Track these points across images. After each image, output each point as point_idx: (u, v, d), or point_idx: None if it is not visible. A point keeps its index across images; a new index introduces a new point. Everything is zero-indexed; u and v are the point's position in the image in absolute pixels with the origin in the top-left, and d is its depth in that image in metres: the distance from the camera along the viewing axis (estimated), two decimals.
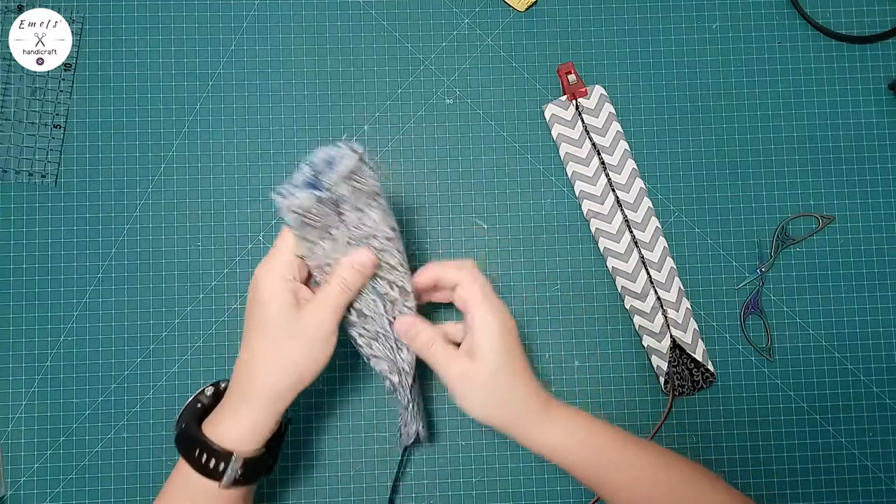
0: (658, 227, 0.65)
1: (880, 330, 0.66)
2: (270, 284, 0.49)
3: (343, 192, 0.50)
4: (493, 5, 0.68)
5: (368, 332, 0.54)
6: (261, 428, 0.49)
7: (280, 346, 0.48)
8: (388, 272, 0.53)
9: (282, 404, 0.49)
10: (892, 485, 0.65)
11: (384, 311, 0.53)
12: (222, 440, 0.48)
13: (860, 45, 0.69)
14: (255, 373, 0.48)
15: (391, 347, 0.54)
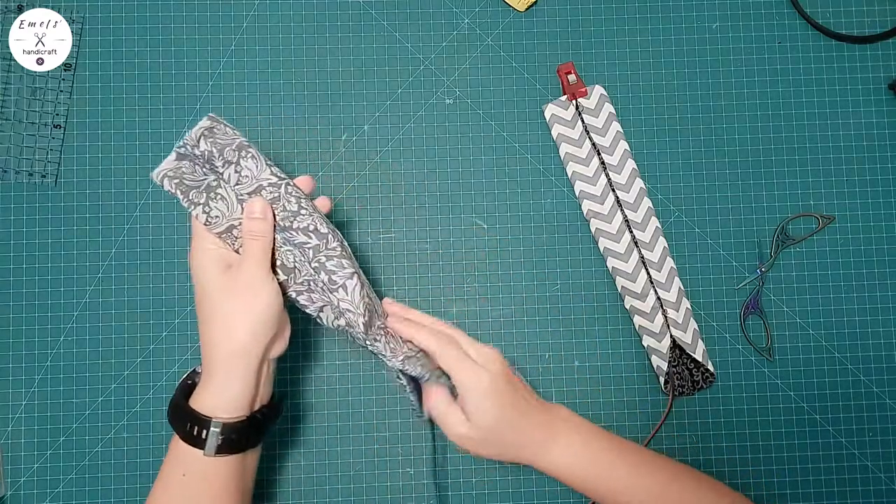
0: (658, 227, 0.65)
1: (880, 330, 0.66)
2: (196, 261, 0.51)
3: (203, 147, 0.52)
4: (493, 5, 0.68)
5: (301, 286, 0.52)
6: (235, 391, 0.49)
7: (220, 307, 0.49)
8: (295, 219, 0.52)
9: (245, 363, 0.49)
10: (892, 485, 0.65)
11: (305, 259, 0.52)
12: (202, 408, 0.49)
13: (860, 45, 0.69)
14: (211, 341, 0.49)
15: (323, 289, 0.52)
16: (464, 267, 0.66)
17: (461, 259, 0.66)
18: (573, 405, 0.65)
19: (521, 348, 0.65)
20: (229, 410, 0.49)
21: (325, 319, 0.53)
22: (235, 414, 0.49)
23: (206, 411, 0.49)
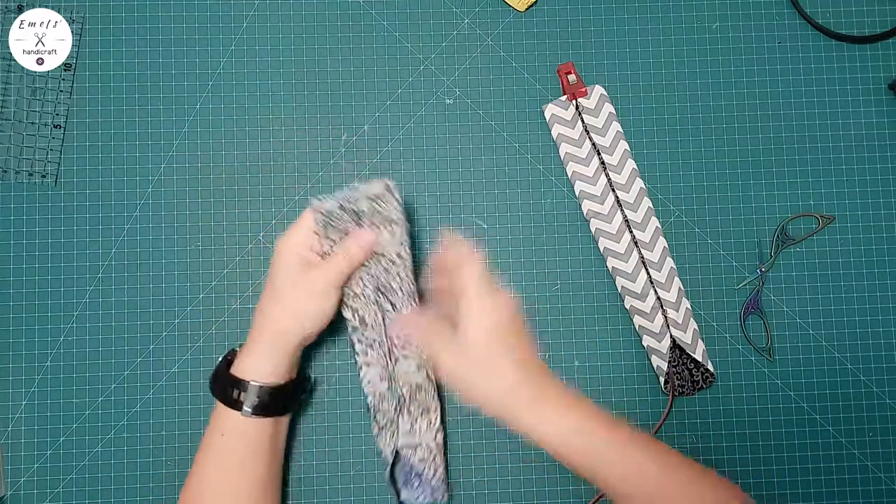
0: (658, 227, 0.65)
1: (880, 330, 0.66)
2: (284, 248, 0.57)
3: (363, 207, 0.57)
4: (493, 5, 0.68)
5: (367, 338, 0.59)
6: (274, 361, 0.56)
7: (283, 294, 0.56)
8: (390, 293, 0.58)
9: (290, 344, 0.56)
10: (892, 485, 0.65)
11: (383, 323, 0.59)
12: (241, 372, 0.55)
13: (860, 45, 0.69)
14: (266, 313, 0.56)
15: (384, 354, 0.59)
16: None
17: None
18: None
19: None
20: (266, 377, 0.55)
21: (365, 375, 0.59)
22: (271, 380, 0.56)
23: (245, 376, 0.55)
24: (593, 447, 0.50)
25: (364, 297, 0.58)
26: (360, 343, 0.59)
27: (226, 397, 0.55)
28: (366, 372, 0.59)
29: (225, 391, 0.56)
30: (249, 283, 0.65)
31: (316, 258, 0.58)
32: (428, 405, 0.60)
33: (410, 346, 0.58)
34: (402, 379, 0.59)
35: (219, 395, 0.56)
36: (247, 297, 0.65)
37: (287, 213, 0.66)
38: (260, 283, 0.65)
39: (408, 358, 0.59)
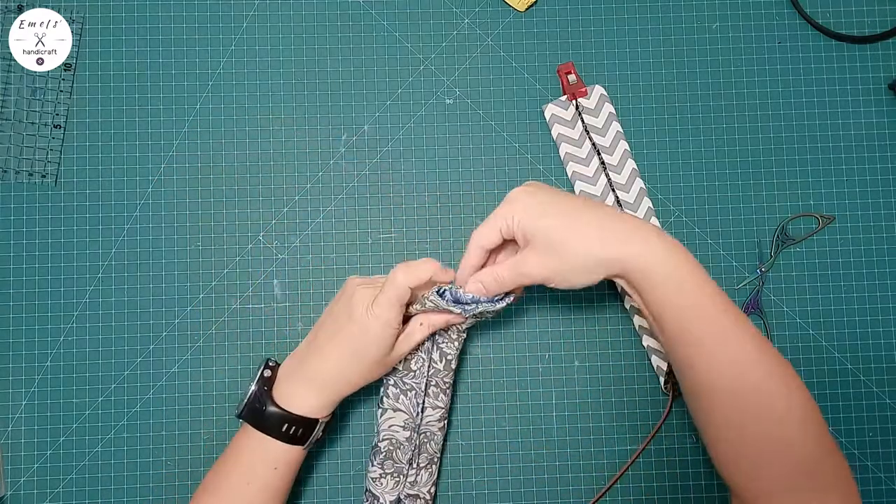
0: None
1: (880, 330, 0.66)
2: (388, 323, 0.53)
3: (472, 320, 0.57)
4: (493, 5, 0.68)
5: (405, 384, 0.58)
6: (332, 404, 0.56)
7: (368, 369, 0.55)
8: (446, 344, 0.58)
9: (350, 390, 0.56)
10: (892, 485, 0.65)
11: (426, 373, 0.58)
12: (304, 411, 0.55)
13: (860, 45, 0.69)
14: (335, 373, 0.55)
15: (416, 405, 0.58)
16: None
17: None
18: (573, 405, 0.65)
19: (521, 348, 0.65)
20: (328, 411, 0.56)
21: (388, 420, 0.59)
22: (327, 413, 0.56)
23: (311, 414, 0.55)
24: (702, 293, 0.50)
25: None
26: (396, 387, 0.58)
27: (284, 434, 0.54)
28: (390, 416, 0.58)
29: (285, 430, 0.54)
30: (249, 283, 0.65)
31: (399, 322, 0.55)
32: (434, 456, 0.60)
33: None
34: (422, 428, 0.59)
35: (273, 432, 0.54)
36: (247, 296, 0.65)
37: (287, 213, 0.66)
38: (261, 283, 0.65)
39: (436, 409, 0.59)
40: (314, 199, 0.66)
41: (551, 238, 0.51)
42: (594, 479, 0.64)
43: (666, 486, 0.64)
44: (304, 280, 0.65)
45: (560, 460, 0.64)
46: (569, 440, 0.64)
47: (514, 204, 0.53)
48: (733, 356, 0.49)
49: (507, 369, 0.65)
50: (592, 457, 0.64)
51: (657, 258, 0.50)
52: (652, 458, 0.64)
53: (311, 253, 0.65)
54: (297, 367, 0.56)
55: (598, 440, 0.64)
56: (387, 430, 0.58)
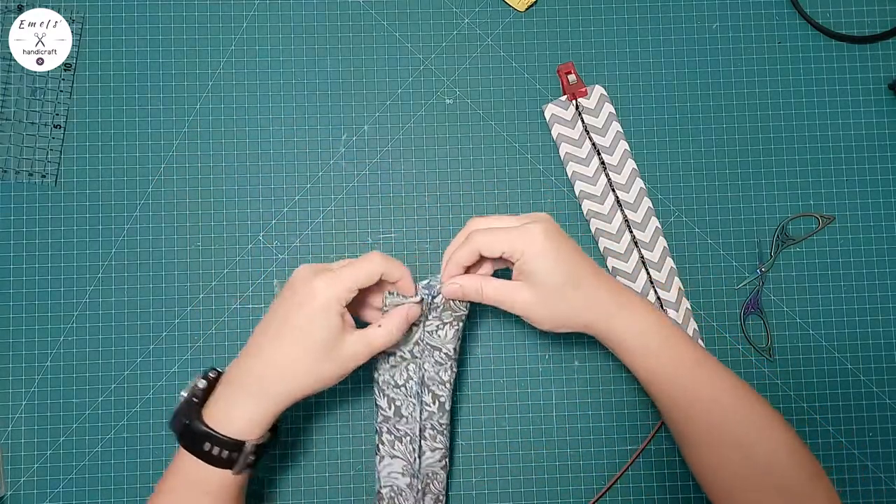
0: (658, 227, 0.65)
1: (880, 330, 0.66)
2: (328, 302, 0.50)
3: (439, 302, 0.55)
4: (493, 5, 0.68)
5: (399, 430, 0.57)
6: (269, 419, 0.51)
7: (314, 360, 0.50)
8: (437, 386, 0.57)
9: (291, 403, 0.52)
10: (892, 485, 0.65)
11: (419, 418, 0.57)
12: (231, 431, 0.50)
13: (860, 45, 0.69)
14: (277, 374, 0.50)
15: (412, 450, 0.57)
16: None
17: None
18: (573, 405, 0.65)
19: (521, 348, 0.65)
20: (261, 432, 0.51)
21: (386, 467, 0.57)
22: (263, 433, 0.51)
23: (238, 435, 0.50)
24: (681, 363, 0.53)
25: (406, 388, 0.56)
26: (390, 434, 0.57)
27: (208, 455, 0.49)
28: (388, 463, 0.57)
29: (209, 450, 0.49)
30: (249, 283, 0.65)
31: (348, 315, 0.52)
32: (439, 495, 0.59)
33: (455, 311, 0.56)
34: (424, 470, 0.58)
35: (197, 452, 0.49)
36: (247, 296, 0.65)
37: (287, 213, 0.66)
38: (261, 283, 0.65)
39: (435, 450, 0.58)
40: (314, 199, 0.66)
41: (549, 291, 0.52)
42: (594, 479, 0.64)
43: (666, 486, 0.64)
44: None
45: (560, 460, 0.64)
46: (569, 440, 0.64)
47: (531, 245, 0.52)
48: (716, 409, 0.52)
49: (507, 369, 0.65)
50: (592, 457, 0.64)
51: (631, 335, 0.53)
52: (652, 458, 0.64)
53: (311, 253, 0.65)
54: (233, 377, 0.52)
55: (598, 440, 0.64)
56: (387, 477, 0.57)
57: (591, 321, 0.53)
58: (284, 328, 0.51)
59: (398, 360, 0.56)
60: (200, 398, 0.52)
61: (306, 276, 0.52)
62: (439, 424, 0.58)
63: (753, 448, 0.51)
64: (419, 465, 0.57)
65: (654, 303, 0.64)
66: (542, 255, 0.51)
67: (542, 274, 0.52)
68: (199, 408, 0.51)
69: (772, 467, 0.50)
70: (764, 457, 0.50)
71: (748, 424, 0.51)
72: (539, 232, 0.52)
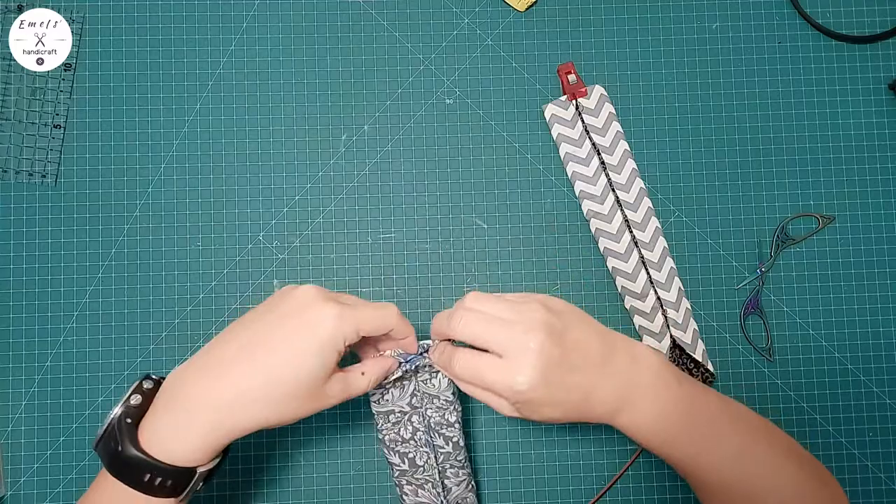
0: (658, 227, 0.65)
1: (880, 330, 0.66)
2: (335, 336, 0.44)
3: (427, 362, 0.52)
4: (493, 5, 0.68)
5: (417, 480, 0.56)
6: (219, 447, 0.44)
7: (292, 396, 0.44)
8: (446, 429, 0.56)
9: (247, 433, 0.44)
10: (892, 485, 0.65)
11: (436, 463, 0.55)
12: (174, 459, 0.42)
13: (860, 45, 0.69)
14: (241, 403, 0.43)
15: (438, 493, 0.55)
16: (464, 267, 0.66)
17: (461, 259, 0.66)
18: None
19: None
20: (213, 457, 0.45)
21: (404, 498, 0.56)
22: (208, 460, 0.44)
23: (185, 463, 0.43)
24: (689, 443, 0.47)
25: (415, 440, 0.55)
26: (410, 484, 0.56)
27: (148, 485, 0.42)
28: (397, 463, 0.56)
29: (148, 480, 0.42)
30: (249, 283, 0.65)
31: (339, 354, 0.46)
32: None
33: None
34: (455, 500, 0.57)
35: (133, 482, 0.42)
36: (247, 297, 0.65)
37: (287, 213, 0.66)
38: (261, 283, 0.65)
39: (460, 483, 0.57)
40: (314, 199, 0.66)
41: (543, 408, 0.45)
42: (594, 479, 0.64)
43: (666, 487, 0.64)
44: (304, 280, 0.65)
45: (560, 460, 0.64)
46: (569, 440, 0.64)
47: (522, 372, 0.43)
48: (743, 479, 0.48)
49: None
50: (592, 457, 0.64)
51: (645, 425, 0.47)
52: (652, 458, 0.64)
53: (311, 253, 0.65)
54: (179, 391, 0.44)
55: (598, 440, 0.64)
56: None
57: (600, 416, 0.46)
58: (264, 349, 0.43)
59: (399, 416, 0.55)
60: (134, 418, 0.44)
61: (315, 297, 0.45)
62: (457, 461, 0.56)
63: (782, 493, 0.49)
64: (448, 500, 0.56)
65: (655, 303, 0.64)
66: (531, 389, 0.43)
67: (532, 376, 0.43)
68: (134, 429, 0.43)
69: None
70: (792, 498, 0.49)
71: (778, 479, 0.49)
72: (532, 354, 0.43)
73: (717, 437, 0.48)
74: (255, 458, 0.63)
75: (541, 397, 0.44)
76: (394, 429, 0.55)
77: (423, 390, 0.55)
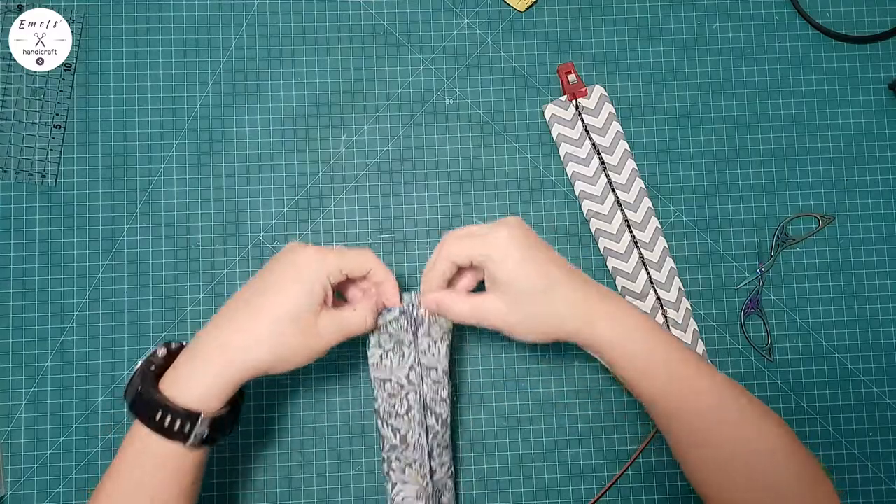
0: (658, 227, 0.65)
1: (880, 330, 0.66)
2: (316, 276, 0.49)
3: (423, 315, 0.55)
4: (493, 5, 0.68)
5: (406, 458, 0.56)
6: (228, 390, 0.49)
7: (284, 328, 0.49)
8: (439, 405, 0.56)
9: (253, 376, 0.49)
10: (892, 485, 0.65)
11: (426, 443, 0.56)
12: (187, 401, 0.47)
13: (860, 45, 0.69)
14: (242, 337, 0.48)
15: (424, 475, 0.56)
16: None
17: None
18: (573, 405, 0.65)
19: (522, 348, 0.65)
20: (218, 403, 0.48)
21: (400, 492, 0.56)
22: (221, 406, 0.49)
23: (192, 405, 0.47)
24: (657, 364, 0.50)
25: (409, 417, 0.55)
26: (399, 461, 0.56)
27: (160, 426, 0.47)
28: (400, 489, 0.56)
29: (160, 420, 0.47)
30: None
31: (331, 299, 0.51)
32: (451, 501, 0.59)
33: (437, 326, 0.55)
34: (436, 485, 0.57)
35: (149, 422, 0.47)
36: None
37: (287, 213, 0.66)
38: None
39: (443, 465, 0.58)
40: (314, 199, 0.66)
41: (519, 297, 0.50)
42: (594, 479, 0.64)
43: (666, 487, 0.64)
44: None
45: (560, 460, 0.64)
46: (569, 440, 0.64)
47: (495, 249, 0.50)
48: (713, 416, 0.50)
49: (507, 369, 0.65)
50: (592, 457, 0.64)
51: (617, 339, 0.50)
52: (652, 458, 0.64)
53: None
54: (194, 346, 0.50)
55: (598, 440, 0.64)
56: (401, 503, 0.56)
57: (575, 329, 0.50)
58: (259, 297, 0.49)
59: (396, 389, 0.55)
60: (158, 367, 0.49)
61: (297, 245, 0.51)
62: (444, 440, 0.57)
63: (752, 454, 0.50)
64: (431, 486, 0.56)
65: (655, 303, 0.64)
66: (507, 259, 0.49)
67: (508, 280, 0.49)
68: (156, 377, 0.49)
69: (770, 472, 0.49)
70: (762, 462, 0.49)
71: (745, 429, 0.50)
72: (503, 236, 0.50)
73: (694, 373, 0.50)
74: (255, 457, 0.63)
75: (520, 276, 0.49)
76: (389, 401, 0.55)
77: (423, 362, 0.55)
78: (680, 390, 0.50)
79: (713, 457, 0.50)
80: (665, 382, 0.50)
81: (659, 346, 0.50)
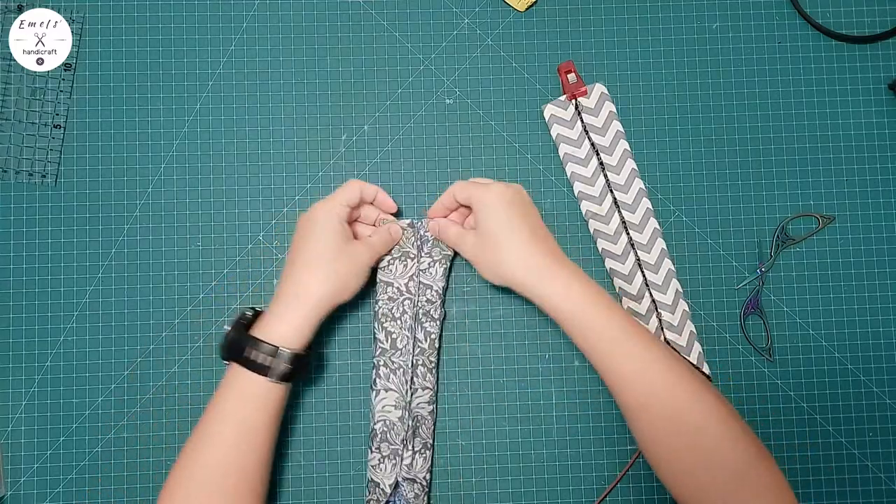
0: (657, 228, 0.65)
1: (880, 330, 0.66)
2: (330, 218, 0.59)
3: (429, 235, 0.63)
4: (493, 5, 0.68)
5: (393, 363, 0.61)
6: (304, 329, 0.56)
7: (330, 260, 0.57)
8: (429, 322, 0.62)
9: (324, 310, 0.57)
10: (892, 485, 0.65)
11: (412, 351, 0.61)
12: (271, 338, 0.55)
13: (860, 45, 0.69)
14: (304, 280, 0.57)
15: (406, 381, 0.61)
16: (464, 267, 0.66)
17: (461, 259, 0.66)
18: (573, 405, 0.65)
19: (521, 348, 0.65)
20: (297, 341, 0.56)
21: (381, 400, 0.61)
22: (300, 345, 0.56)
23: (275, 341, 0.55)
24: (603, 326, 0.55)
25: (402, 321, 0.61)
26: (386, 367, 0.61)
27: (248, 361, 0.55)
28: (383, 397, 0.61)
29: (247, 356, 0.55)
30: (249, 284, 0.65)
31: (349, 232, 0.60)
32: (427, 441, 0.61)
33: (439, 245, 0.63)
34: (414, 410, 0.60)
35: (239, 359, 0.55)
36: (247, 297, 0.65)
37: (287, 213, 0.66)
38: (261, 283, 0.65)
39: (425, 389, 0.61)
40: (314, 199, 0.66)
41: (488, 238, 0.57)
42: (594, 479, 0.64)
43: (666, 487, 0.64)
44: None
45: (560, 460, 0.64)
46: (569, 440, 0.64)
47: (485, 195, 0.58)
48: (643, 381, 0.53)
49: (507, 369, 0.65)
50: (593, 457, 0.64)
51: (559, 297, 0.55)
52: None
53: None
54: (273, 303, 0.58)
55: (598, 440, 0.64)
56: (380, 412, 0.60)
57: (523, 278, 0.56)
58: (303, 253, 0.58)
59: (396, 293, 0.62)
60: (248, 322, 0.58)
61: (303, 213, 0.60)
62: (429, 362, 0.62)
63: (683, 418, 0.52)
64: (411, 399, 0.60)
65: (650, 305, 0.64)
66: (489, 206, 0.57)
67: (484, 224, 0.57)
68: (244, 327, 0.57)
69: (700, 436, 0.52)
70: (694, 425, 0.52)
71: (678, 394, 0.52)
72: (496, 190, 0.58)
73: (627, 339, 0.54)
74: None
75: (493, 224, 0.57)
76: (388, 304, 0.61)
77: (421, 279, 0.62)
78: (622, 361, 0.54)
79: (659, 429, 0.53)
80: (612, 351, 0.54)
81: (601, 311, 0.55)
